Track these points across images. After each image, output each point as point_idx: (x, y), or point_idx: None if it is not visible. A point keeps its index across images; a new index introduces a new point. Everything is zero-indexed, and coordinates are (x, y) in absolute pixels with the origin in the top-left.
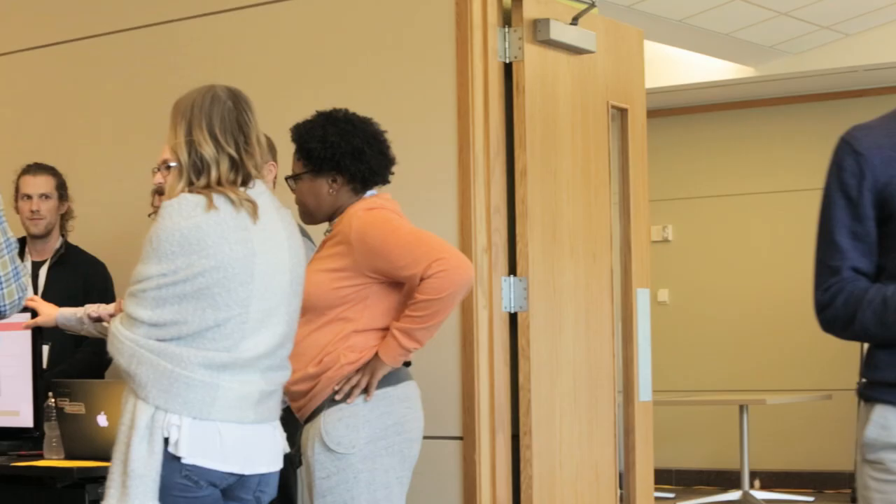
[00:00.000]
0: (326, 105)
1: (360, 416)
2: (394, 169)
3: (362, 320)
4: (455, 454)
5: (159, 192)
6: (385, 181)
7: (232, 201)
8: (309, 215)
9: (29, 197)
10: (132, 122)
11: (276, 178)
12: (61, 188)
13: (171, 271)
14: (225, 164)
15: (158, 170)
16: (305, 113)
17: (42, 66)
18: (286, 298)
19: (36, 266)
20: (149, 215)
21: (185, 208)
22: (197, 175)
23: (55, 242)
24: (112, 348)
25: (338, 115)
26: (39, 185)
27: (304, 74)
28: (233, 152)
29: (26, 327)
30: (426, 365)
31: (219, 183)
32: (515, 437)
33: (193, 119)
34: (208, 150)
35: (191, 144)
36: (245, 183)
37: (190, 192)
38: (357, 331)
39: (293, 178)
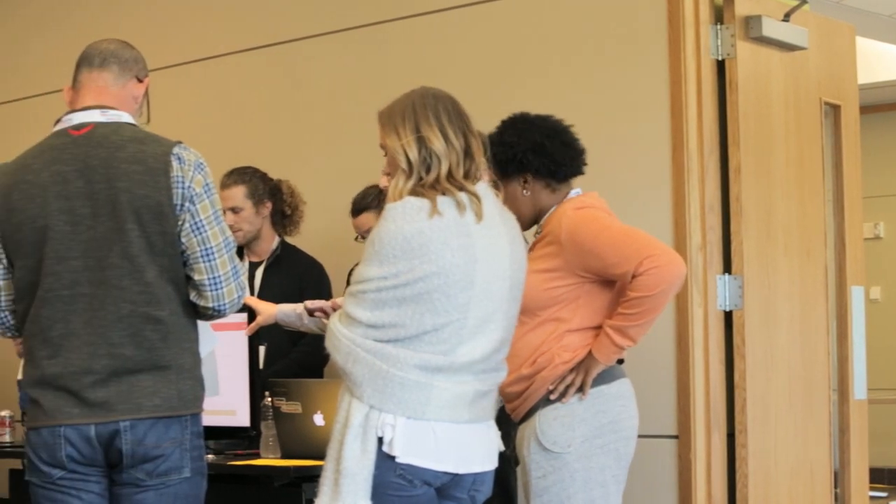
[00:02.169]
0: (535, 106)
1: (575, 414)
2: (605, 169)
3: (575, 320)
4: (670, 453)
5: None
6: (576, 172)
7: (457, 204)
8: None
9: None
10: (342, 122)
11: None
12: (254, 194)
13: (391, 274)
14: (454, 157)
15: (385, 173)
16: (512, 113)
17: (253, 68)
18: (505, 305)
19: (253, 267)
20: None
21: (408, 212)
22: (427, 170)
23: (270, 243)
24: (329, 345)
25: (516, 117)
26: (227, 198)
27: (511, 74)
28: (462, 145)
29: (249, 332)
30: (642, 363)
31: (449, 175)
32: (730, 436)
33: (420, 117)
34: (438, 145)
35: (420, 141)
36: (469, 176)
37: (415, 193)
38: (570, 330)
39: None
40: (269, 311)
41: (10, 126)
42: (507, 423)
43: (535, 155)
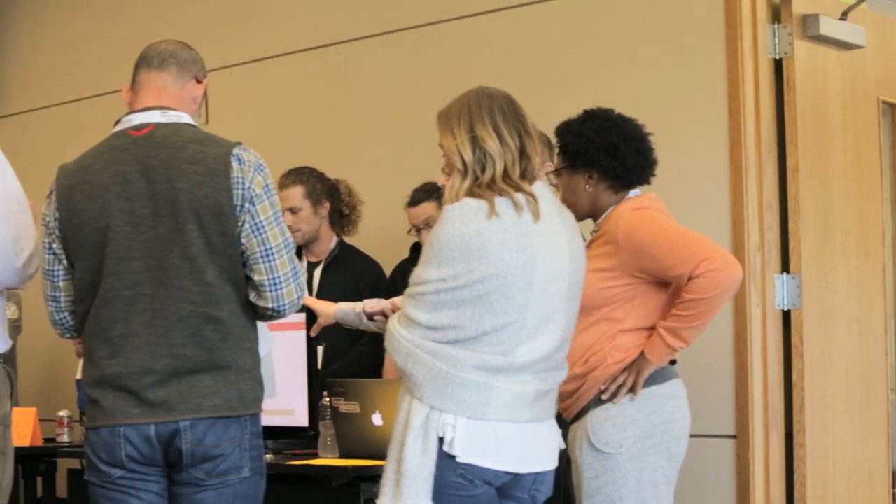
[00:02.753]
0: (592, 105)
1: (626, 415)
2: (663, 168)
3: (629, 320)
4: (728, 452)
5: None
6: (643, 181)
7: (514, 204)
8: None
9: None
10: (399, 122)
11: None
12: (313, 194)
13: (450, 276)
14: (509, 157)
15: (444, 171)
16: (570, 113)
17: (310, 68)
18: (564, 304)
19: (311, 267)
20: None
21: (467, 214)
22: (482, 170)
23: (328, 243)
24: (389, 346)
25: (599, 112)
26: (285, 198)
27: (568, 74)
28: (517, 144)
29: (313, 333)
30: (700, 363)
31: (504, 175)
32: (788, 436)
33: (474, 116)
34: (492, 145)
35: (475, 141)
36: (526, 176)
37: (471, 194)
38: (623, 330)
39: (553, 172)
40: (329, 310)
41: (67, 127)
42: (561, 422)
43: (606, 155)
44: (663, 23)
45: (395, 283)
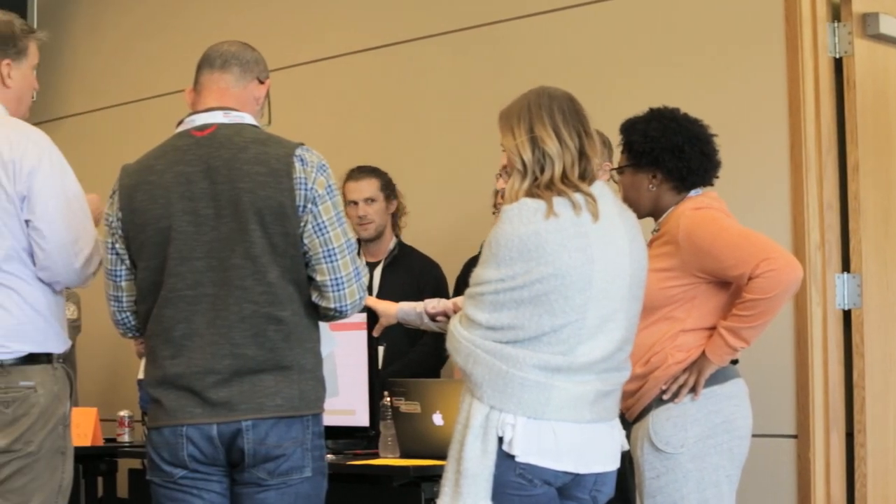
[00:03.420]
0: (652, 105)
1: (688, 415)
2: (723, 167)
3: (690, 320)
4: (789, 452)
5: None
6: (706, 183)
7: (573, 204)
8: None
9: (355, 203)
10: (458, 123)
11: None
12: (387, 188)
13: (509, 277)
14: (568, 158)
15: (500, 175)
16: (629, 112)
17: (368, 68)
18: (625, 304)
19: (370, 267)
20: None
21: (524, 214)
22: (541, 171)
23: (388, 243)
24: (450, 346)
25: (665, 112)
26: (363, 189)
27: (627, 73)
28: (576, 145)
29: (376, 333)
30: (761, 363)
31: (563, 176)
32: (849, 436)
33: (534, 117)
34: (551, 145)
35: (534, 141)
36: (585, 177)
37: (530, 194)
38: (685, 330)
39: (616, 170)
40: (390, 310)
41: (126, 128)
42: (624, 423)
43: (671, 156)
44: (722, 22)
45: (466, 280)
